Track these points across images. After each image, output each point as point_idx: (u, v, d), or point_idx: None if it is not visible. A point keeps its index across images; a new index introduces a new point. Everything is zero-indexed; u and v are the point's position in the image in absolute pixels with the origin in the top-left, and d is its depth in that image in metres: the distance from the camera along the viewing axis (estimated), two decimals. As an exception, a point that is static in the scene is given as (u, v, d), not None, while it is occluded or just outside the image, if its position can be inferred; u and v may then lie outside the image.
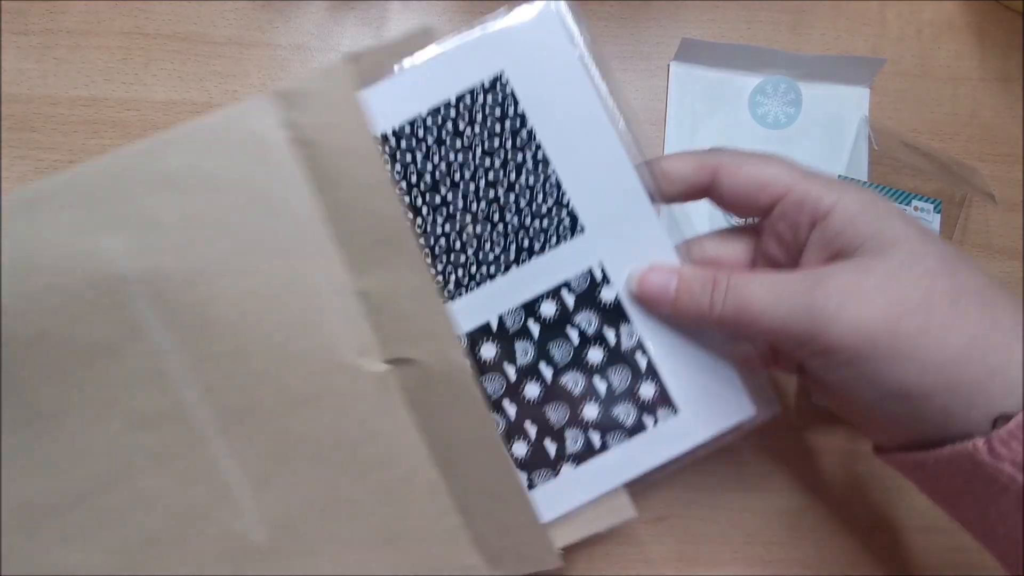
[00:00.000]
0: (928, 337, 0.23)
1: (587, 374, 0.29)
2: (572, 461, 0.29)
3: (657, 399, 0.29)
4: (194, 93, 0.37)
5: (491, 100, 0.28)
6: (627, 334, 0.29)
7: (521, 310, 0.29)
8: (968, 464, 0.23)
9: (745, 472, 0.37)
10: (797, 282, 0.25)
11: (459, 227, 0.28)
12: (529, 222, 0.28)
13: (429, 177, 0.28)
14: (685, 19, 0.39)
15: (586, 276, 0.29)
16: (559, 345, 0.29)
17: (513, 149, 0.28)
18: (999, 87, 0.40)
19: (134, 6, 0.37)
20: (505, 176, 0.28)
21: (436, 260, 0.28)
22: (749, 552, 0.37)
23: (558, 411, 0.29)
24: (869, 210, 0.25)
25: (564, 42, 0.28)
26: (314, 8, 0.38)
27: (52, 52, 0.37)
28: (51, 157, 0.36)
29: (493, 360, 0.29)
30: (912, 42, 0.40)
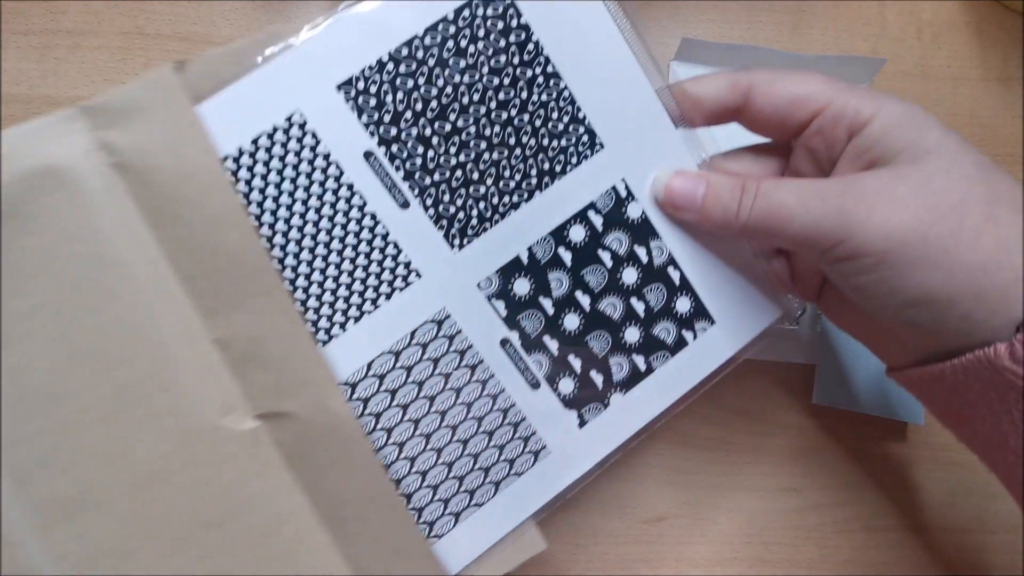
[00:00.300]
0: (958, 242, 0.23)
1: (624, 296, 0.28)
2: (620, 389, 0.29)
3: (694, 313, 0.29)
4: (194, 93, 0.37)
5: (491, 11, 0.26)
6: (658, 250, 0.28)
7: (550, 238, 0.27)
8: (987, 372, 0.23)
9: (745, 472, 0.37)
10: (828, 187, 0.25)
11: (475, 155, 0.26)
12: (547, 142, 0.27)
13: (436, 103, 0.26)
14: (685, 19, 0.39)
15: (610, 194, 0.28)
16: (593, 270, 0.28)
17: (521, 65, 0.26)
18: (999, 87, 0.40)
19: (134, 6, 0.37)
20: (516, 95, 0.26)
21: (455, 194, 0.26)
22: (749, 552, 0.37)
23: (600, 340, 0.28)
24: (908, 120, 0.25)
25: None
26: (314, 8, 0.38)
27: (52, 52, 0.37)
28: (51, 157, 0.36)
29: (528, 296, 0.27)
30: (912, 42, 0.40)
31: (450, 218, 0.27)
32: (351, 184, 0.26)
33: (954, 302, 0.23)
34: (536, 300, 0.28)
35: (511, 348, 0.28)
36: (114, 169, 0.23)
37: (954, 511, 0.37)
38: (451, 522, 0.28)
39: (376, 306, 0.27)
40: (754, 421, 0.37)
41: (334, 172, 0.26)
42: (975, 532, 0.37)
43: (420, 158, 0.26)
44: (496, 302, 0.27)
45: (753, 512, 0.37)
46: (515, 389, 0.28)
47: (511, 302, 0.27)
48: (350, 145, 0.26)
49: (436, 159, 0.26)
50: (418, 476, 0.28)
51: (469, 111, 0.26)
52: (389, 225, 0.26)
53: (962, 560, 0.37)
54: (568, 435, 0.29)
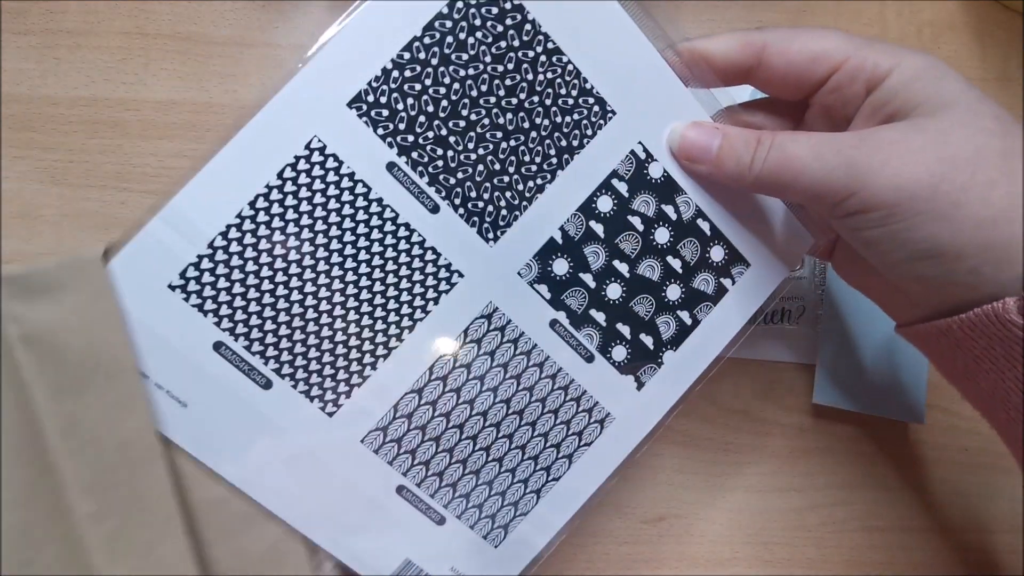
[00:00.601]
0: (968, 195, 0.23)
1: (660, 256, 0.29)
2: (671, 346, 0.29)
3: (729, 259, 0.29)
4: (194, 93, 0.37)
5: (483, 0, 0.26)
6: (684, 204, 0.29)
7: (579, 214, 0.28)
8: (994, 327, 0.23)
9: (745, 472, 0.37)
10: (843, 140, 0.24)
11: (493, 146, 0.26)
12: (560, 119, 0.27)
13: (446, 102, 0.26)
14: (685, 19, 0.39)
15: (630, 159, 0.28)
16: (627, 237, 0.28)
17: (522, 47, 0.26)
18: (999, 87, 0.40)
19: (134, 6, 0.37)
20: (522, 78, 0.26)
21: (480, 188, 0.26)
22: (749, 552, 0.37)
23: (644, 303, 0.29)
24: (927, 73, 0.25)
25: None
26: (314, 8, 0.38)
27: (52, 52, 0.37)
28: (51, 157, 0.36)
29: (568, 274, 0.28)
30: (912, 42, 0.40)
31: (480, 213, 0.27)
32: (380, 199, 0.26)
33: (962, 256, 0.23)
34: (577, 277, 0.28)
35: (560, 328, 0.28)
36: (22, 340, 0.23)
37: (954, 511, 0.37)
38: (533, 499, 0.30)
39: (427, 312, 0.27)
40: (754, 421, 0.37)
41: (362, 191, 0.26)
42: (975, 532, 0.37)
43: (441, 160, 0.26)
44: (539, 286, 0.28)
45: (753, 512, 0.37)
46: (571, 366, 0.29)
47: (553, 283, 0.28)
48: (372, 160, 0.26)
49: (456, 157, 0.26)
50: (495, 463, 0.29)
51: (480, 103, 0.26)
52: (424, 232, 0.26)
53: (962, 560, 0.37)
54: (629, 399, 0.30)
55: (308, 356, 0.26)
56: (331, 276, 0.26)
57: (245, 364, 0.25)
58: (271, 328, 0.26)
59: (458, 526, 0.29)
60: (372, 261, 0.26)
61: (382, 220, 0.26)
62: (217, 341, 0.25)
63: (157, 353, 0.25)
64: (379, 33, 0.25)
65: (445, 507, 0.29)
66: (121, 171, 0.37)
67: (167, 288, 0.25)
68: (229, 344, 0.25)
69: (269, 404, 0.26)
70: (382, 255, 0.26)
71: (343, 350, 0.26)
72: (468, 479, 0.29)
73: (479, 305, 0.28)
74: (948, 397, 0.38)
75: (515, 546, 0.30)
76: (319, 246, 0.26)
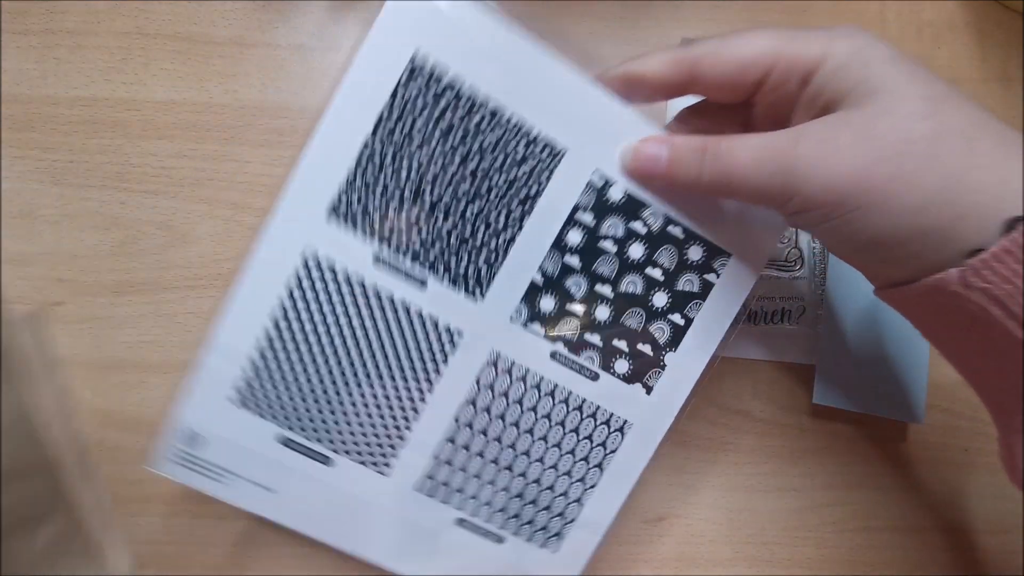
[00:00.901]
0: (898, 184, 0.23)
1: (638, 271, 0.30)
2: (669, 348, 0.31)
3: (708, 255, 0.30)
4: (194, 93, 0.37)
5: (416, 87, 0.27)
6: (652, 216, 0.30)
7: (553, 252, 0.29)
8: (943, 297, 0.24)
9: (745, 472, 0.37)
10: (780, 142, 0.25)
11: (459, 215, 0.29)
12: (516, 172, 0.28)
13: (409, 190, 0.28)
14: (685, 19, 0.39)
15: (589, 189, 0.29)
16: (603, 262, 0.30)
17: (465, 116, 0.28)
18: (999, 87, 0.40)
19: (134, 6, 0.37)
20: (472, 145, 0.28)
21: (458, 255, 0.29)
22: (749, 552, 0.37)
23: (634, 316, 0.31)
24: (854, 59, 0.25)
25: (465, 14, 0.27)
26: (314, 8, 0.38)
27: (52, 52, 0.37)
28: (51, 157, 0.36)
29: (556, 309, 0.30)
30: (912, 42, 0.40)
31: (463, 276, 0.29)
32: (375, 285, 0.29)
33: (902, 242, 0.24)
34: (565, 309, 0.30)
35: (561, 356, 0.31)
36: None
37: (954, 511, 0.37)
38: (577, 508, 0.32)
39: (439, 373, 0.30)
40: (754, 421, 0.37)
41: (358, 284, 0.29)
42: (975, 532, 0.37)
43: (417, 239, 0.29)
44: (532, 325, 0.30)
45: (753, 512, 0.37)
46: (579, 387, 0.31)
47: (544, 320, 0.30)
48: (359, 258, 0.29)
49: (429, 234, 0.29)
50: (535, 484, 0.32)
51: (439, 181, 0.28)
52: (420, 304, 0.29)
53: (962, 560, 0.37)
54: (642, 404, 0.31)
55: (354, 431, 0.30)
56: (353, 360, 0.30)
57: (307, 449, 0.30)
58: (319, 415, 0.30)
59: (517, 542, 0.32)
60: (383, 340, 0.29)
61: (381, 303, 0.29)
62: (282, 436, 0.30)
63: (240, 456, 0.30)
64: (337, 145, 0.28)
65: (500, 528, 0.32)
66: (121, 171, 0.37)
67: (231, 405, 0.29)
68: (291, 436, 0.30)
69: (334, 476, 0.31)
70: (390, 333, 0.29)
71: (380, 420, 0.30)
72: (515, 502, 0.32)
73: (483, 355, 0.30)
74: (948, 397, 0.38)
75: (572, 548, 0.33)
76: (336, 338, 0.29)
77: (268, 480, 0.30)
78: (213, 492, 0.30)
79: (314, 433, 0.30)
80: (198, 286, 0.36)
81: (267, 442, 0.30)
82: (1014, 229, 0.22)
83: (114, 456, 0.35)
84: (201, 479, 0.30)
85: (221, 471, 0.30)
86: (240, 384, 0.29)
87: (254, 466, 0.30)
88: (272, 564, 0.35)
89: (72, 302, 0.36)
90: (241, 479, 0.30)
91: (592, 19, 0.39)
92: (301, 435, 0.30)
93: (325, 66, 0.38)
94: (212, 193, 0.37)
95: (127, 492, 0.35)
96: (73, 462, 0.35)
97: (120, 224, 0.36)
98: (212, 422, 0.30)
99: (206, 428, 0.30)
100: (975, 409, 0.38)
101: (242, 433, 0.30)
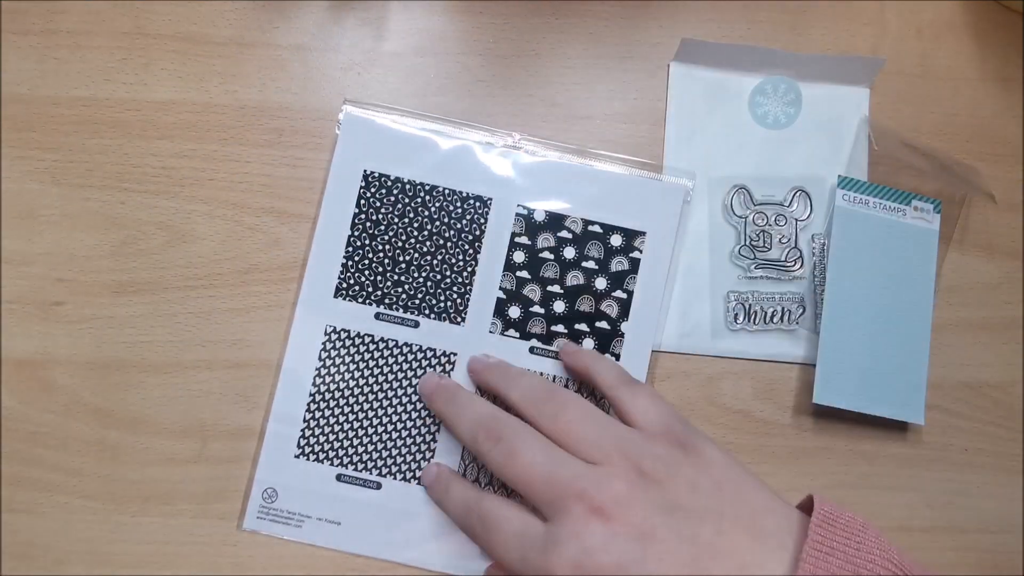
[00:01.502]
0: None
1: (575, 267, 0.37)
2: (621, 320, 0.37)
3: (627, 237, 0.37)
4: (194, 93, 0.37)
5: (375, 189, 0.37)
6: (573, 223, 0.37)
7: (507, 273, 0.37)
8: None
9: (745, 472, 0.37)
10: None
11: (428, 266, 0.37)
12: (460, 225, 0.37)
13: (388, 259, 0.37)
14: (685, 19, 0.39)
15: (519, 219, 0.37)
16: (546, 268, 0.37)
17: (410, 201, 0.37)
18: (999, 87, 0.40)
19: (134, 6, 0.37)
20: (420, 218, 0.37)
21: (436, 295, 0.37)
22: (749, 552, 0.37)
23: (585, 302, 0.37)
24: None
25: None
26: (314, 8, 0.38)
27: (52, 52, 0.37)
28: (51, 157, 0.36)
29: (522, 315, 0.37)
30: (912, 42, 0.40)
31: (444, 311, 0.37)
32: (382, 338, 0.36)
33: None
34: (529, 312, 0.37)
35: (539, 349, 0.37)
36: None
37: (954, 511, 0.37)
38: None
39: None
40: (754, 421, 0.37)
41: (368, 338, 0.36)
42: (975, 532, 0.37)
43: (403, 293, 0.37)
44: (508, 332, 0.37)
45: (753, 512, 0.37)
46: (559, 368, 0.37)
47: (516, 325, 0.37)
48: (365, 319, 0.36)
49: (412, 285, 0.37)
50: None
51: (406, 248, 0.37)
52: (418, 341, 0.37)
53: (962, 560, 0.37)
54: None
55: (392, 454, 0.36)
56: (379, 398, 0.36)
57: (359, 479, 0.36)
58: (362, 448, 0.36)
59: None
60: (398, 375, 0.36)
61: (389, 348, 0.36)
62: (338, 474, 0.36)
63: (308, 500, 0.35)
64: (330, 244, 0.37)
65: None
66: (121, 171, 0.37)
67: (294, 459, 0.36)
68: (344, 472, 0.36)
69: (385, 497, 0.36)
70: (402, 368, 0.36)
71: (411, 438, 0.36)
72: None
73: None
74: (948, 397, 0.38)
75: None
76: (363, 383, 0.36)
77: (334, 514, 0.35)
78: (292, 536, 0.35)
79: (362, 464, 0.36)
80: (198, 286, 0.36)
81: (328, 482, 0.35)
82: None
83: (114, 456, 0.35)
84: (282, 528, 0.35)
85: (297, 516, 0.35)
86: (299, 439, 0.36)
87: (321, 505, 0.35)
88: (272, 564, 0.35)
89: (72, 302, 0.36)
90: (312, 519, 0.35)
91: (592, 19, 0.39)
92: (352, 469, 0.36)
93: (325, 66, 0.38)
94: (212, 193, 0.37)
95: (127, 492, 0.35)
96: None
97: (120, 224, 0.36)
98: (282, 475, 0.35)
99: (278, 482, 0.35)
100: (975, 409, 0.38)
101: (307, 479, 0.35)
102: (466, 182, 0.37)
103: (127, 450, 0.35)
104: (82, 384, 0.36)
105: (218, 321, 0.36)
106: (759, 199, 0.38)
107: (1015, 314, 0.39)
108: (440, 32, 0.39)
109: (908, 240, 0.37)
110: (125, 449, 0.35)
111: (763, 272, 0.38)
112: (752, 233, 0.38)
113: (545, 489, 0.28)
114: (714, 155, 0.38)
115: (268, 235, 0.37)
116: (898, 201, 0.37)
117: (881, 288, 0.37)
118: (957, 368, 0.38)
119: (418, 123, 0.37)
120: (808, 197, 0.38)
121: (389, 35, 0.38)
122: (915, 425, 0.37)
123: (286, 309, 0.36)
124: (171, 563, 0.35)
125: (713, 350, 0.37)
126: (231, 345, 0.36)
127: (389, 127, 0.37)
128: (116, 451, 0.35)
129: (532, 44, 0.39)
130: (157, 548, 0.35)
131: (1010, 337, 0.39)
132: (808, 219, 0.38)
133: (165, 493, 0.35)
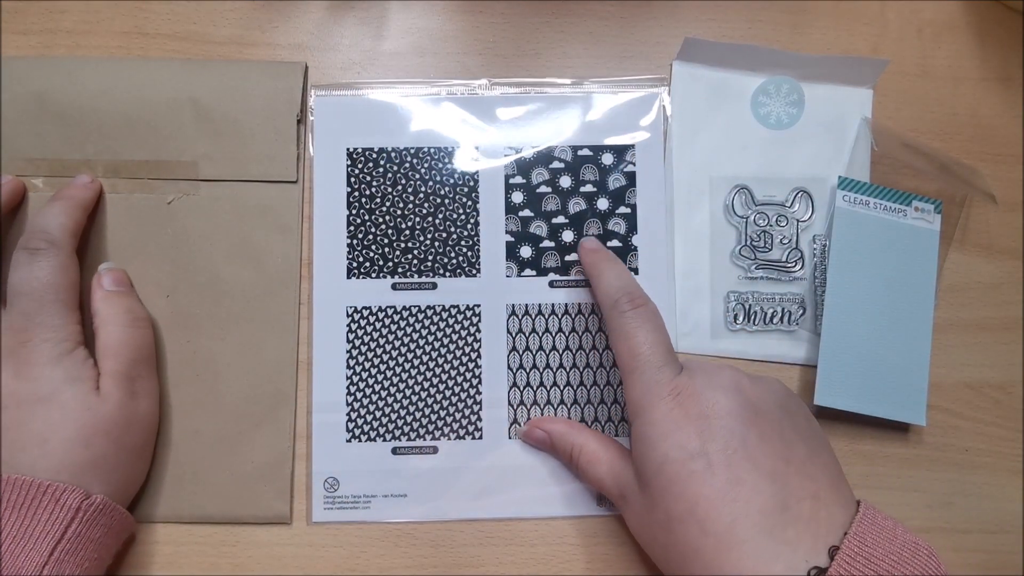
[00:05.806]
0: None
1: (575, 193, 0.38)
2: (632, 233, 0.38)
3: (618, 154, 0.38)
4: (194, 93, 0.37)
5: (361, 163, 0.37)
6: (563, 152, 0.38)
7: (510, 216, 0.37)
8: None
9: (745, 472, 0.37)
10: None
11: (433, 228, 0.37)
12: (452, 179, 0.37)
13: (393, 229, 0.37)
14: (685, 19, 0.39)
15: (509, 160, 0.38)
16: (547, 201, 0.38)
17: (399, 164, 0.37)
18: (999, 87, 0.40)
19: (134, 6, 0.37)
20: (413, 178, 0.37)
21: (448, 255, 0.37)
22: (749, 552, 0.37)
23: (593, 225, 0.38)
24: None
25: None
26: (314, 8, 0.38)
27: (52, 52, 0.37)
28: (51, 157, 0.36)
29: (534, 253, 0.37)
30: (912, 42, 0.40)
31: (458, 266, 0.37)
32: (403, 307, 0.37)
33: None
34: (540, 248, 0.38)
35: (558, 282, 0.37)
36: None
37: (954, 511, 0.37)
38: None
39: (479, 340, 0.37)
40: (754, 421, 0.37)
41: (390, 309, 0.37)
42: (975, 532, 0.37)
43: (415, 257, 0.37)
44: (525, 272, 0.37)
45: (753, 512, 0.37)
46: (585, 296, 0.37)
47: (530, 264, 0.37)
48: (382, 291, 0.37)
49: (422, 249, 0.37)
50: (596, 389, 0.37)
51: (406, 214, 0.37)
52: (440, 301, 0.37)
53: (962, 560, 0.37)
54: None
55: (441, 416, 0.36)
56: (415, 365, 0.36)
57: (414, 448, 0.36)
58: (410, 417, 0.36)
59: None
60: (428, 339, 0.37)
61: (412, 315, 0.37)
62: (392, 447, 0.36)
63: (369, 480, 0.36)
64: (330, 225, 0.37)
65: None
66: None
67: (345, 444, 0.36)
68: (399, 445, 0.36)
69: (443, 459, 0.36)
70: (430, 331, 0.37)
71: (455, 398, 0.36)
72: (574, 408, 0.37)
73: (502, 312, 0.37)
74: (948, 397, 0.38)
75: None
76: (396, 355, 0.36)
77: (398, 488, 0.36)
78: (362, 518, 0.35)
79: (414, 433, 0.36)
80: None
81: (384, 458, 0.36)
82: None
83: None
84: (350, 512, 0.35)
85: (363, 499, 0.35)
86: (346, 423, 0.36)
87: (383, 482, 0.36)
88: (272, 564, 0.35)
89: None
90: (378, 497, 0.35)
91: (592, 19, 0.39)
92: (405, 440, 0.36)
93: (325, 66, 0.38)
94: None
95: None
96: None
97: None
98: (338, 462, 0.36)
99: (336, 469, 0.36)
100: (975, 409, 0.38)
101: (363, 460, 0.36)
102: (449, 137, 0.37)
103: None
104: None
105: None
106: (760, 199, 0.38)
107: (1015, 314, 0.39)
108: (440, 32, 0.39)
109: (909, 241, 0.37)
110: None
111: (763, 273, 0.38)
112: (753, 233, 0.38)
113: (653, 358, 0.31)
114: (716, 155, 0.38)
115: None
116: (898, 201, 0.37)
117: (882, 289, 0.37)
118: (958, 368, 0.38)
119: (388, 91, 0.38)
120: (810, 198, 0.38)
121: (389, 35, 0.38)
122: (916, 425, 0.37)
123: (304, 307, 0.37)
124: (172, 563, 0.35)
125: (713, 350, 0.37)
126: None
127: (361, 100, 0.37)
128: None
129: (532, 44, 0.39)
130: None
131: (1010, 337, 0.39)
132: (810, 220, 0.38)
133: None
